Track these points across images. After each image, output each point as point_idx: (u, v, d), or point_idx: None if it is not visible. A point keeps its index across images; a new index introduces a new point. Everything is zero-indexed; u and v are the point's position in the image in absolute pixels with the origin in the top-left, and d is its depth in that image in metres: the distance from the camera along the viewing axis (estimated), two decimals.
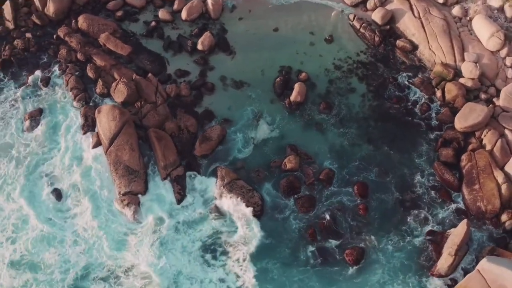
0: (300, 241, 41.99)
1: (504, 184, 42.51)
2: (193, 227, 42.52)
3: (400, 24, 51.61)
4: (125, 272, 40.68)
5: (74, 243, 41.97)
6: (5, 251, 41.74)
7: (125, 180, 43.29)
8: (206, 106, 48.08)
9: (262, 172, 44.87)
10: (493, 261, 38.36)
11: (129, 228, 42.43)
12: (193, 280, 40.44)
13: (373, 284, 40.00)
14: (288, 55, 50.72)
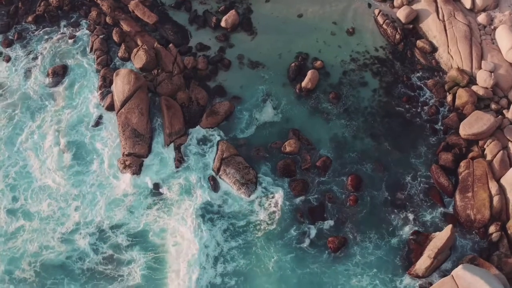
0: (287, 222, 42.49)
1: (496, 196, 41.79)
2: (188, 195, 43.37)
3: (423, 25, 50.64)
4: (112, 228, 42.12)
5: (73, 198, 43.46)
6: (4, 198, 43.63)
7: (130, 142, 44.63)
8: (220, 82, 48.69)
9: (262, 151, 45.41)
10: (468, 269, 38.04)
11: (127, 189, 43.46)
12: (180, 241, 41.49)
13: (342, 272, 40.26)
14: (307, 42, 50.58)
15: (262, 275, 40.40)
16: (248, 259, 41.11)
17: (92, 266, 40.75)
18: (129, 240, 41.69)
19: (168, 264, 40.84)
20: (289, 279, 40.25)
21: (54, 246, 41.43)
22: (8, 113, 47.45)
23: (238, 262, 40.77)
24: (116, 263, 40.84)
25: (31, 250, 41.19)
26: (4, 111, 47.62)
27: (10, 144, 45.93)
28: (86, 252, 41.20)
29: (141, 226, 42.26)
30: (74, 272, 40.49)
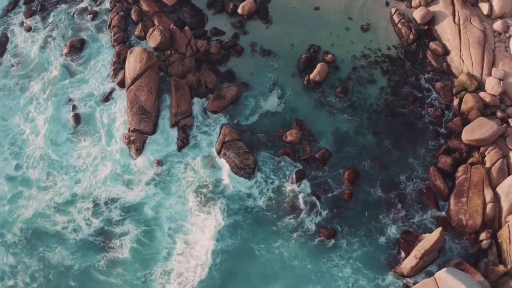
0: (281, 209, 42.86)
1: (490, 203, 41.21)
2: (187, 174, 44.16)
3: (438, 27, 49.90)
4: (109, 202, 43.16)
5: (75, 169, 44.65)
6: (7, 164, 45.09)
7: (136, 118, 45.42)
8: (230, 67, 48.99)
9: (263, 138, 45.68)
10: (451, 273, 37.76)
11: (129, 165, 44.59)
12: (175, 217, 42.58)
13: (326, 262, 40.51)
14: (321, 34, 50.35)
15: (248, 256, 41.09)
16: (236, 240, 41.62)
17: (85, 238, 41.80)
18: (124, 214, 42.76)
19: (158, 240, 41.59)
20: (274, 263, 40.84)
21: (49, 215, 42.61)
22: (22, 82, 48.76)
23: (226, 241, 41.38)
24: (109, 235, 41.83)
25: (25, 217, 42.57)
26: (18, 80, 48.89)
27: (20, 113, 47.22)
28: (80, 224, 42.26)
29: (138, 200, 43.04)
30: (68, 242, 41.72)
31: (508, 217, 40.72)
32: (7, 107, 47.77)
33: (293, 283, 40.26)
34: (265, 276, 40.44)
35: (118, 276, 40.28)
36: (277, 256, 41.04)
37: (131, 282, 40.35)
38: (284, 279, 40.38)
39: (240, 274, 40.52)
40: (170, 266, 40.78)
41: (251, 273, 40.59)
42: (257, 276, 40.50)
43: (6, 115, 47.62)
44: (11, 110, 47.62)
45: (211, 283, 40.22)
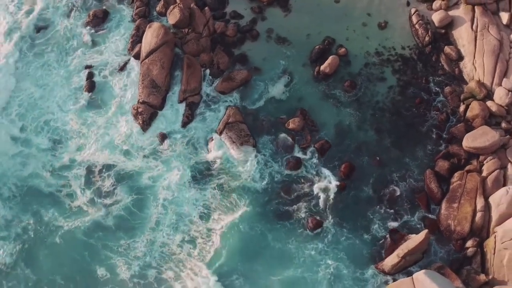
0: (273, 192, 43.12)
1: (480, 212, 40.55)
2: (188, 150, 44.76)
3: (455, 32, 48.74)
4: (102, 171, 44.07)
5: (78, 135, 45.62)
6: (13, 124, 46.20)
7: (146, 91, 46.12)
8: (244, 51, 49.03)
9: (266, 123, 45.86)
10: (429, 275, 37.36)
11: (133, 136, 45.32)
12: (172, 189, 43.26)
13: (310, 249, 40.79)
14: (337, 28, 49.77)
15: (234, 234, 41.52)
16: (227, 220, 42.01)
17: (78, 202, 42.93)
18: (119, 182, 43.53)
19: (150, 209, 42.57)
20: (258, 242, 41.31)
21: (45, 177, 43.87)
22: (40, 48, 49.72)
23: (215, 218, 42.08)
24: (101, 204, 42.87)
25: (22, 174, 43.83)
26: (38, 46, 49.95)
27: (34, 79, 48.16)
28: (74, 190, 43.38)
29: (136, 170, 43.89)
30: (60, 204, 42.91)
31: (496, 227, 40.05)
32: (22, 70, 48.63)
33: (274, 263, 40.71)
34: (247, 253, 40.92)
35: (100, 240, 41.35)
36: (261, 236, 41.46)
37: (111, 247, 41.28)
38: (266, 258, 40.90)
39: (222, 250, 41.13)
40: (157, 237, 41.60)
41: (233, 250, 41.09)
42: (238, 253, 41.00)
43: (21, 77, 48.50)
44: (26, 74, 48.45)
45: (197, 257, 40.95)
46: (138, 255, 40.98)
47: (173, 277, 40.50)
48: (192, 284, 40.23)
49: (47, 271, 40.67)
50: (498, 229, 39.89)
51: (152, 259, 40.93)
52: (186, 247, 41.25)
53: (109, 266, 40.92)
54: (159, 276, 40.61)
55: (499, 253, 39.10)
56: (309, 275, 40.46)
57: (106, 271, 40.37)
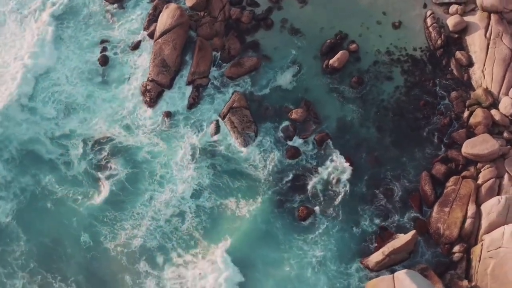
0: (267, 179, 43.26)
1: (470, 218, 40.01)
2: (190, 131, 45.20)
3: (469, 38, 47.79)
4: (102, 143, 44.92)
5: (83, 107, 46.48)
6: (22, 93, 46.92)
7: (156, 69, 46.62)
8: (256, 39, 49.05)
9: (270, 111, 45.97)
10: (410, 275, 37.19)
11: (138, 112, 46.04)
12: (171, 166, 44.00)
13: (298, 237, 41.02)
14: (351, 23, 49.28)
15: (221, 214, 42.13)
16: (220, 201, 42.59)
17: (74, 173, 43.85)
18: (117, 156, 44.28)
19: (144, 185, 43.39)
20: (247, 224, 41.65)
21: (45, 144, 44.91)
22: (59, 21, 50.63)
23: (205, 198, 42.54)
24: (96, 175, 43.83)
25: (22, 138, 44.97)
26: (57, 19, 50.89)
27: (48, 48, 49.04)
28: (72, 159, 44.36)
29: (137, 145, 44.60)
30: (57, 171, 43.90)
31: (484, 235, 39.47)
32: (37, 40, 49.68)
33: (260, 244, 41.03)
34: (235, 233, 41.39)
35: (89, 210, 42.42)
36: (250, 219, 41.80)
37: (98, 217, 42.25)
38: (252, 240, 41.22)
39: (209, 229, 41.67)
40: (147, 212, 42.30)
41: (220, 229, 41.66)
42: (225, 231, 41.49)
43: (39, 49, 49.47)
44: (40, 44, 49.40)
45: (184, 232, 41.86)
46: (124, 226, 41.78)
47: (156, 247, 41.29)
48: (174, 254, 41.02)
49: (36, 233, 41.87)
50: (486, 237, 39.37)
51: (138, 231, 41.64)
52: (175, 221, 41.94)
53: (94, 234, 41.87)
54: (143, 246, 41.36)
55: (484, 261, 38.63)
56: (295, 261, 40.60)
57: (90, 239, 41.40)
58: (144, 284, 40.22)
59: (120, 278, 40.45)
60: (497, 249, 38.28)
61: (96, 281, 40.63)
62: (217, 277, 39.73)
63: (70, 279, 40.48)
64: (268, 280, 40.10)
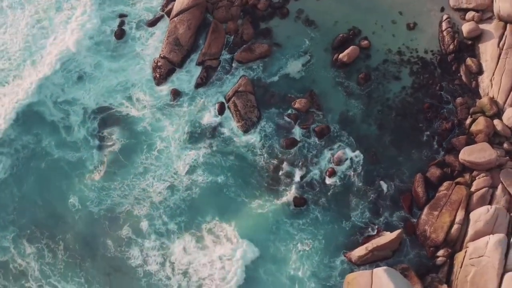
0: (263, 165, 43.53)
1: (457, 224, 39.62)
2: (194, 110, 45.63)
3: (481, 45, 46.64)
4: (102, 112, 45.79)
5: (90, 76, 47.20)
6: (35, 60, 48.02)
7: (169, 47, 46.98)
8: (270, 26, 48.78)
9: (275, 98, 45.94)
10: (388, 273, 37.21)
11: (147, 86, 46.68)
12: (169, 142, 44.61)
13: (288, 222, 41.39)
14: (366, 20, 48.55)
15: (214, 193, 42.68)
16: (214, 179, 43.02)
17: (73, 139, 44.88)
18: (118, 126, 45.12)
19: (139, 157, 44.17)
20: (238, 205, 42.29)
21: (49, 107, 45.98)
22: None
23: (201, 177, 42.99)
24: (94, 143, 44.69)
25: (27, 102, 46.07)
26: None
27: (64, 17, 50.04)
28: (72, 125, 45.35)
29: (140, 116, 45.31)
30: (58, 135, 45.07)
31: (469, 243, 39.09)
32: (56, 11, 50.49)
33: (249, 223, 41.57)
34: (226, 211, 42.12)
35: (82, 176, 43.46)
36: (242, 200, 42.41)
37: (89, 184, 43.26)
38: (243, 219, 41.77)
39: (200, 205, 42.27)
40: (139, 183, 43.08)
41: (211, 206, 42.26)
42: (216, 208, 42.15)
43: (53, 16, 50.24)
44: (58, 14, 50.21)
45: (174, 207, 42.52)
46: (112, 195, 42.66)
47: (144, 214, 42.10)
48: (159, 222, 41.85)
49: (30, 191, 43.27)
50: (470, 245, 38.89)
51: (125, 199, 42.57)
52: (165, 193, 42.60)
53: (82, 198, 42.90)
54: (128, 212, 42.32)
55: (466, 268, 38.20)
56: (282, 244, 40.98)
57: (78, 202, 42.48)
58: (127, 249, 41.17)
59: (103, 242, 41.50)
60: (479, 258, 37.89)
61: (80, 241, 41.76)
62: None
63: (57, 237, 41.85)
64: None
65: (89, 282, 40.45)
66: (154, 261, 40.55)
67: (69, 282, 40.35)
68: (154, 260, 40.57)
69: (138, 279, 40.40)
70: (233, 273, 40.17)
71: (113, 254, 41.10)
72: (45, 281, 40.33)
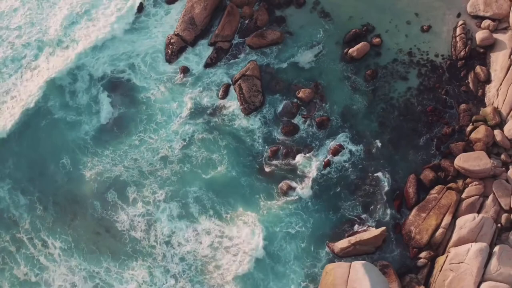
0: (260, 149, 43.62)
1: (442, 229, 39.24)
2: (200, 88, 45.91)
3: (493, 55, 45.54)
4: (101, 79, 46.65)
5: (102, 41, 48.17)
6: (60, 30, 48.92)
7: (183, 25, 47.32)
8: (285, 14, 48.59)
9: (280, 86, 45.78)
10: (366, 268, 37.20)
11: (157, 61, 47.19)
12: (169, 114, 45.21)
13: (278, 206, 41.55)
14: (381, 18, 47.95)
15: (214, 172, 43.05)
16: (209, 155, 43.44)
17: (76, 104, 45.71)
18: (120, 95, 46.06)
19: (135, 128, 44.81)
20: (231, 181, 42.70)
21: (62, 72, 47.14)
22: None
23: (197, 152, 43.50)
24: (95, 108, 45.55)
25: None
26: None
27: None
28: (78, 91, 46.19)
29: (143, 87, 46.06)
30: (63, 98, 45.98)
31: (451, 248, 38.68)
32: None
33: (238, 200, 41.91)
34: (215, 185, 42.51)
35: (80, 140, 44.37)
36: (233, 177, 42.75)
37: (79, 147, 44.11)
38: (232, 195, 42.25)
39: (191, 178, 42.72)
40: (132, 152, 43.78)
41: (201, 180, 42.64)
42: (205, 182, 42.55)
43: None
44: None
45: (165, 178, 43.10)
46: (104, 160, 43.43)
47: (132, 181, 42.69)
48: (147, 191, 42.44)
49: (27, 147, 44.34)
50: (452, 250, 38.44)
51: (116, 167, 43.24)
52: (158, 163, 43.18)
53: (75, 161, 43.72)
54: (117, 178, 42.99)
55: (444, 272, 37.83)
56: (269, 225, 41.12)
57: (71, 165, 43.35)
58: (113, 213, 41.92)
59: (91, 203, 42.27)
60: (459, 264, 37.44)
61: (70, 201, 42.63)
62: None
63: (48, 193, 42.90)
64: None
65: (76, 241, 41.26)
66: (139, 228, 41.19)
67: (57, 238, 41.23)
68: (140, 227, 41.23)
69: (124, 244, 41.03)
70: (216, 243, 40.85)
71: (100, 216, 41.91)
72: (35, 234, 41.41)
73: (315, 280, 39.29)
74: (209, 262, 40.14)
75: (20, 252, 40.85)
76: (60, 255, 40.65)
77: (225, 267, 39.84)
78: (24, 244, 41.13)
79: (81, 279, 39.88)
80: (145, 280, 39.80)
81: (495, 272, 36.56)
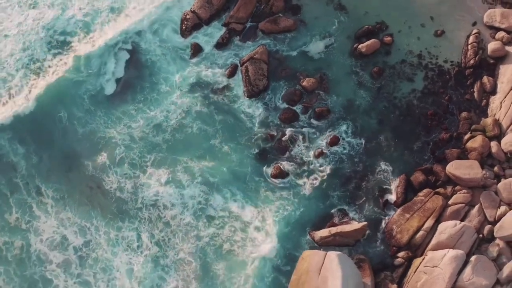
0: (257, 133, 43.58)
1: (423, 231, 38.67)
2: (208, 67, 46.02)
3: (502, 67, 44.24)
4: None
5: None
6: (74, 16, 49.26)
7: (200, 3, 47.41)
8: (301, 3, 48.02)
9: (286, 72, 45.53)
10: (341, 258, 37.02)
11: (171, 35, 47.50)
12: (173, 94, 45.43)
13: (270, 189, 41.63)
14: (396, 18, 46.99)
15: (206, 144, 43.34)
16: (204, 128, 43.71)
17: (84, 75, 46.02)
18: (127, 64, 46.54)
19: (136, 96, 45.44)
20: (223, 159, 42.83)
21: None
22: None
23: (192, 125, 43.81)
24: (102, 80, 45.99)
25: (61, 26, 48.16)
26: None
27: None
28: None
29: (151, 59, 46.37)
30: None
31: (429, 251, 38.18)
32: None
33: (231, 180, 42.16)
34: (206, 156, 42.87)
35: (74, 98, 45.11)
36: (225, 151, 42.90)
37: (76, 103, 44.91)
38: (221, 168, 42.48)
39: (182, 147, 43.20)
40: (135, 131, 44.06)
41: (192, 149, 43.06)
42: (196, 152, 42.99)
43: None
44: None
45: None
46: (98, 121, 44.20)
47: (124, 144, 43.41)
48: (135, 156, 43.02)
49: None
50: (429, 253, 37.91)
51: (109, 133, 43.83)
52: (161, 137, 43.56)
53: (71, 116, 44.37)
54: (108, 140, 43.69)
55: (418, 274, 37.40)
56: (255, 203, 41.31)
57: (67, 119, 44.08)
58: (102, 173, 42.58)
59: (83, 162, 43.04)
60: (433, 267, 36.98)
61: (63, 153, 43.38)
62: None
63: (44, 144, 43.64)
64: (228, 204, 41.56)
65: (69, 192, 42.07)
66: (126, 189, 41.82)
67: (50, 187, 42.09)
68: (126, 188, 41.87)
69: (111, 203, 41.75)
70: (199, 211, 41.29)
71: (90, 173, 42.64)
72: (30, 180, 42.34)
73: (293, 265, 39.15)
74: (191, 231, 40.60)
75: (13, 196, 41.74)
76: (53, 205, 41.54)
77: (205, 240, 40.28)
78: (19, 189, 42.00)
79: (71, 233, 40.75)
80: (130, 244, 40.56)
81: (468, 281, 36.05)
